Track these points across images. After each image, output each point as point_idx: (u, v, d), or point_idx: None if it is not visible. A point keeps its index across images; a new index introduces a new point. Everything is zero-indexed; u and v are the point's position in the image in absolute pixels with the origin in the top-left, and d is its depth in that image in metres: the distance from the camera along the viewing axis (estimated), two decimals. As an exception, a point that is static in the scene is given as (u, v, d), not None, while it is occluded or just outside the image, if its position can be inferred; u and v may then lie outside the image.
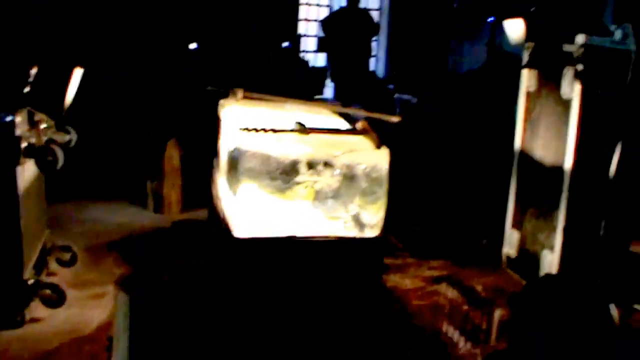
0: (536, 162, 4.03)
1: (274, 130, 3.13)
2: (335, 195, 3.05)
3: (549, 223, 3.90)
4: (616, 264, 3.90)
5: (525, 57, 4.07)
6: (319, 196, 3.04)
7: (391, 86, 10.98)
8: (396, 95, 10.66)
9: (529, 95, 4.10)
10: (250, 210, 3.02)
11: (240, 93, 3.92)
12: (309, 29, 12.10)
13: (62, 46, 3.37)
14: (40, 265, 3.56)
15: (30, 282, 3.26)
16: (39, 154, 3.15)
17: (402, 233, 4.60)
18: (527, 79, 4.09)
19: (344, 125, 3.58)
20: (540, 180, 4.01)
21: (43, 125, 3.36)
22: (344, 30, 9.60)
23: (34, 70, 3.18)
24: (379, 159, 3.07)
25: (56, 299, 3.37)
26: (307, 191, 3.03)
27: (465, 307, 3.79)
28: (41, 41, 3.37)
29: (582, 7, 3.87)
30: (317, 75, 11.10)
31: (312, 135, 3.21)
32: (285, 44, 8.67)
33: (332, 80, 10.50)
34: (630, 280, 3.92)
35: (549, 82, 3.90)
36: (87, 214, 4.88)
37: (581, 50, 3.62)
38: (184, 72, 6.43)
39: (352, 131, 3.35)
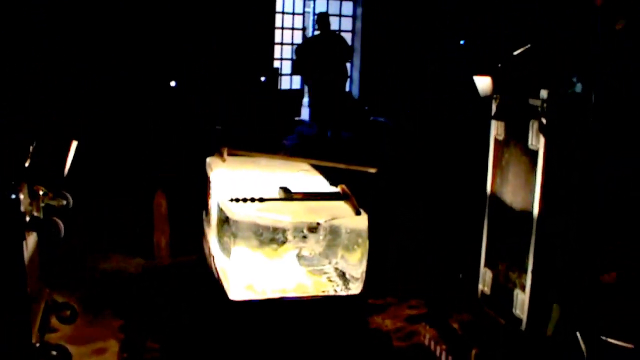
0: (506, 206, 4.29)
1: (261, 200, 3.37)
2: (320, 257, 3.30)
3: (519, 264, 4.16)
4: (584, 297, 4.16)
5: (494, 109, 4.33)
6: (304, 259, 3.28)
7: (366, 107, 11.25)
8: (371, 118, 10.94)
9: (497, 143, 4.36)
10: (243, 274, 3.26)
11: (225, 152, 4.16)
12: (283, 53, 12.36)
13: (59, 118, 3.58)
14: (44, 326, 3.76)
15: (37, 345, 3.46)
16: (42, 227, 3.36)
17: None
18: (496, 128, 4.35)
19: (324, 184, 3.82)
20: (510, 223, 4.27)
21: (41, 192, 3.57)
22: (319, 55, 9.84)
23: (33, 145, 3.39)
24: (359, 224, 3.32)
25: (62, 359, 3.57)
26: (294, 256, 3.28)
27: (444, 347, 4.04)
28: (38, 116, 3.58)
29: (546, 62, 4.12)
30: (293, 99, 11.37)
31: (296, 202, 3.46)
32: (262, 78, 8.93)
33: (309, 105, 10.74)
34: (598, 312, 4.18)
35: (516, 132, 4.17)
36: (81, 262, 5.06)
37: (545, 104, 3.89)
38: (165, 112, 6.64)
39: (333, 196, 3.60)
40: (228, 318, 3.31)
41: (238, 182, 3.68)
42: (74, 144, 3.59)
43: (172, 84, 7.30)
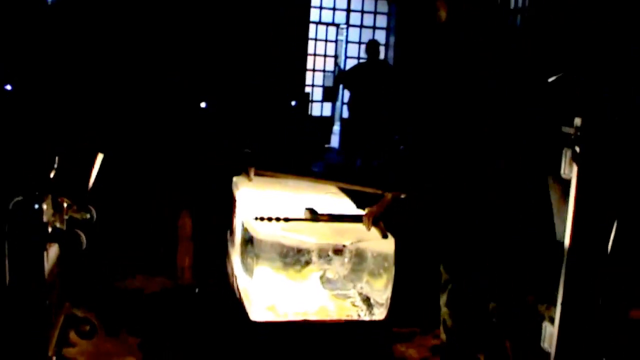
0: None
1: (287, 220, 3.31)
2: (345, 281, 3.22)
3: (548, 297, 4.05)
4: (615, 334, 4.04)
5: (526, 137, 4.24)
6: (329, 282, 3.21)
7: (396, 136, 11.16)
8: (401, 147, 10.83)
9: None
10: (265, 295, 3.20)
11: (252, 172, 4.11)
12: (315, 79, 12.37)
13: (86, 131, 3.57)
14: (62, 340, 3.72)
15: (54, 359, 3.42)
16: (64, 238, 3.33)
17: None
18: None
19: (351, 207, 3.75)
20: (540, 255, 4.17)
21: (65, 205, 3.54)
22: (365, 82, 9.70)
23: (58, 157, 3.37)
24: (386, 248, 3.24)
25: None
26: (318, 278, 3.21)
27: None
28: (65, 127, 3.56)
29: (580, 89, 4.04)
30: (323, 125, 11.33)
31: (322, 223, 3.40)
32: (293, 103, 8.92)
33: (341, 132, 10.64)
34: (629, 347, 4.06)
35: (549, 161, 4.08)
36: (103, 280, 5.03)
37: (578, 132, 3.80)
38: (196, 133, 6.63)
39: (360, 219, 3.53)
40: (249, 339, 3.24)
41: (264, 202, 3.63)
42: (100, 157, 3.57)
43: (203, 105, 7.29)
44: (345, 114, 10.89)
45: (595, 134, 3.86)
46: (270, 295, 3.20)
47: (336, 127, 12.47)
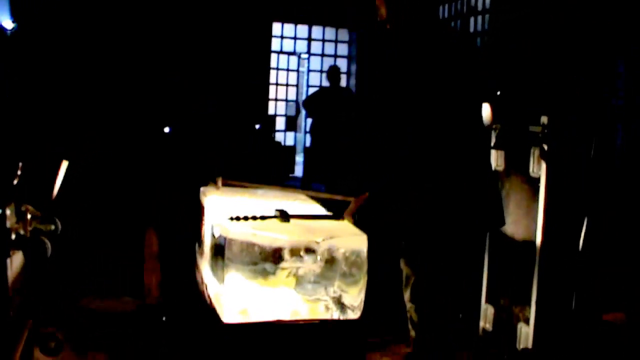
0: (507, 238, 4.18)
1: (256, 218, 3.26)
2: (317, 279, 3.16)
3: (522, 297, 4.03)
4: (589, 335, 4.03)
5: (493, 139, 4.25)
6: (301, 281, 3.15)
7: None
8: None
9: (497, 174, 4.27)
10: (238, 296, 3.12)
11: (219, 181, 4.05)
12: (278, 109, 12.38)
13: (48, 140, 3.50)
14: (26, 357, 3.59)
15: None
16: (28, 245, 3.23)
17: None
18: (496, 159, 4.26)
19: (321, 210, 3.71)
20: (512, 256, 4.16)
21: (29, 216, 3.44)
22: (325, 108, 9.73)
23: (21, 164, 3.29)
24: (359, 244, 3.19)
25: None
26: (291, 276, 3.14)
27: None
28: (28, 136, 3.49)
29: (546, 89, 4.08)
30: (287, 154, 11.31)
31: (294, 222, 3.35)
32: (257, 126, 8.89)
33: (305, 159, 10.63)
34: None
35: (517, 161, 4.09)
36: (66, 299, 4.91)
37: (546, 130, 3.82)
38: (159, 155, 6.56)
39: (332, 217, 3.49)
40: (221, 342, 3.15)
41: (233, 207, 3.56)
42: (64, 164, 3.49)
43: (166, 130, 7.23)
44: (309, 144, 10.91)
45: (562, 131, 3.89)
46: (242, 296, 3.12)
47: (299, 158, 12.46)
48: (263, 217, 3.29)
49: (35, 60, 7.07)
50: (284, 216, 3.35)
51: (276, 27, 12.08)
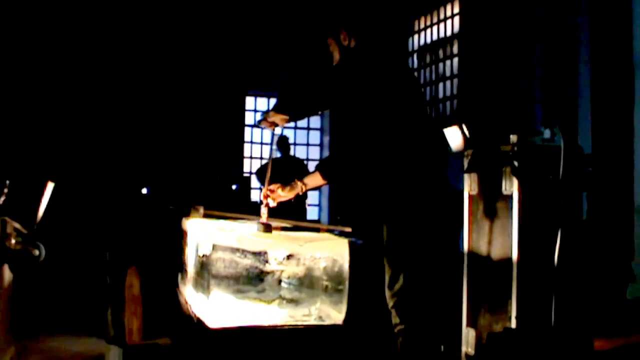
0: (484, 259, 4.26)
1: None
2: (300, 283, 3.22)
3: (502, 314, 4.09)
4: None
5: (466, 164, 4.38)
6: (285, 285, 3.21)
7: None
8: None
9: (471, 198, 4.39)
10: (223, 302, 3.17)
11: (201, 209, 4.13)
12: (253, 167, 12.44)
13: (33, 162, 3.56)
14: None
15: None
16: (14, 256, 3.26)
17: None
18: (469, 183, 4.38)
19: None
20: (490, 276, 4.23)
21: (13, 241, 3.48)
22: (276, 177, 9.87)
23: (7, 183, 3.35)
24: (340, 248, 3.27)
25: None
26: (274, 281, 3.20)
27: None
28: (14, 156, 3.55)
29: (512, 113, 4.24)
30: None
31: (276, 233, 3.43)
32: (234, 187, 8.99)
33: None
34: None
35: (489, 182, 4.21)
36: (46, 345, 4.87)
37: (516, 147, 3.96)
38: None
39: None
40: (207, 347, 3.17)
41: (216, 227, 3.64)
42: (50, 185, 3.55)
43: (144, 191, 7.30)
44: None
45: (532, 148, 4.04)
46: (228, 301, 3.16)
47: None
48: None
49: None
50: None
51: (249, 101, 12.31)
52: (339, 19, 3.87)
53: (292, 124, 13.24)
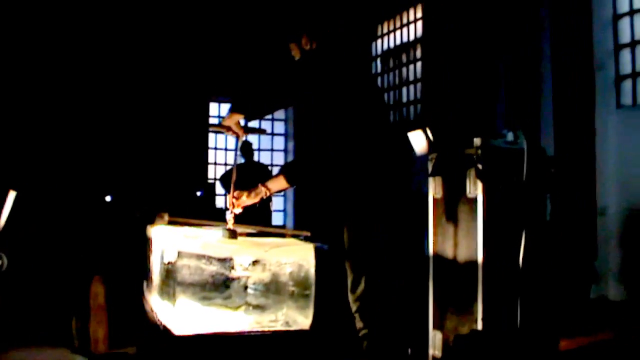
0: (450, 262, 4.29)
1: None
2: (266, 289, 3.21)
3: (468, 316, 4.11)
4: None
5: (430, 167, 4.41)
6: (251, 290, 3.19)
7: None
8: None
9: (436, 201, 4.42)
10: (188, 309, 3.14)
11: (166, 216, 4.10)
12: (217, 173, 12.39)
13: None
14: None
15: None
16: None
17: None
18: (433, 187, 4.41)
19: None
20: (455, 278, 4.26)
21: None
22: (240, 184, 9.86)
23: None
24: (306, 253, 3.27)
25: None
26: (240, 287, 3.19)
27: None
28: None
29: (476, 117, 4.27)
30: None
31: (241, 239, 3.42)
32: (199, 193, 8.95)
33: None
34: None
35: (454, 185, 4.24)
36: (10, 357, 4.80)
37: (479, 150, 4.00)
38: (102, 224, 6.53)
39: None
40: (173, 355, 3.15)
41: (181, 234, 3.61)
42: (12, 194, 3.50)
43: (108, 198, 7.23)
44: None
45: (496, 151, 4.07)
46: (193, 308, 3.14)
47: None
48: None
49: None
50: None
51: (213, 107, 12.25)
52: (301, 24, 3.89)
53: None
